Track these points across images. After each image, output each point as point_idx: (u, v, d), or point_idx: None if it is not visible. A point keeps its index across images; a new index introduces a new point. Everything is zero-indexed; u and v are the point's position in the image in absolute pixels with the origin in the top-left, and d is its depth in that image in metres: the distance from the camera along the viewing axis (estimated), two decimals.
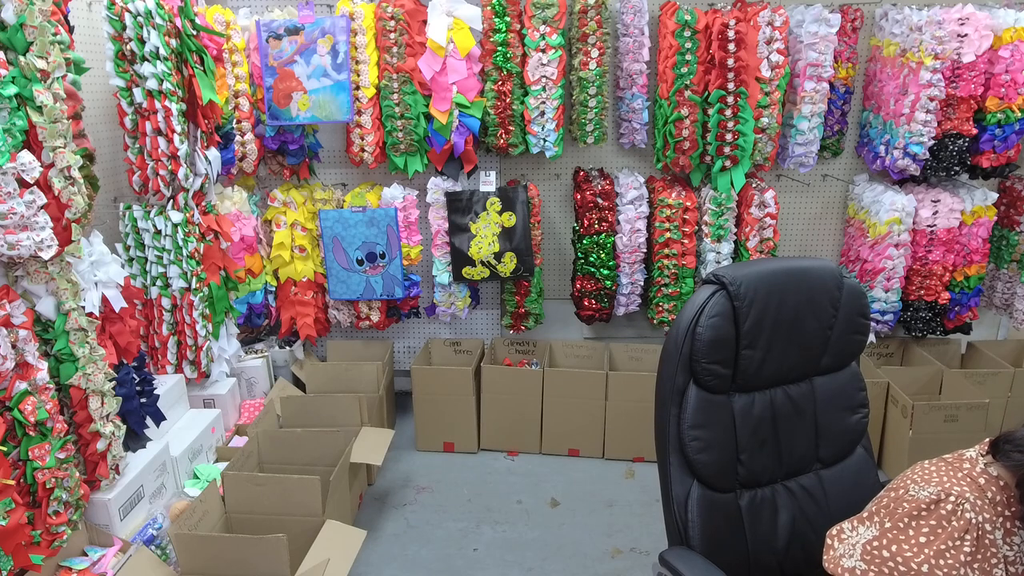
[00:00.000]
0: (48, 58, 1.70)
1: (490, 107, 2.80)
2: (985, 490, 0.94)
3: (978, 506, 0.92)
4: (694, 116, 2.76)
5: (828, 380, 1.45)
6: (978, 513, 0.92)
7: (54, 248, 1.74)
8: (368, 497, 2.81)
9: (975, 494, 0.93)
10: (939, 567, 0.91)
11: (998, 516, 0.93)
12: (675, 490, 1.37)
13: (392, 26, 2.72)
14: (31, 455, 1.70)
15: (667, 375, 1.37)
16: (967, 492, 0.93)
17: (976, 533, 0.91)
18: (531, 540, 2.55)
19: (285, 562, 1.92)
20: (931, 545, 0.91)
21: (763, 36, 2.67)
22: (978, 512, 0.92)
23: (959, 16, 2.61)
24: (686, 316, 1.35)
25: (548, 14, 2.69)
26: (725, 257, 2.95)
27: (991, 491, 0.94)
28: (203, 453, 2.47)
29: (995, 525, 0.92)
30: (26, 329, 1.71)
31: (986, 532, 0.92)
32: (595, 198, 2.90)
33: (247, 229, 2.83)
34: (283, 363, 3.17)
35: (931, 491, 0.94)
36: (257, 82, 2.79)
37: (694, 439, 1.35)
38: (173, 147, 2.34)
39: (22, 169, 1.64)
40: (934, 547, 0.91)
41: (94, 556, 1.94)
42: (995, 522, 0.93)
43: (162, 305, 2.52)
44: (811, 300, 1.38)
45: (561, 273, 3.34)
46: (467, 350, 3.32)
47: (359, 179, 3.24)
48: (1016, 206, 2.96)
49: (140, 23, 2.22)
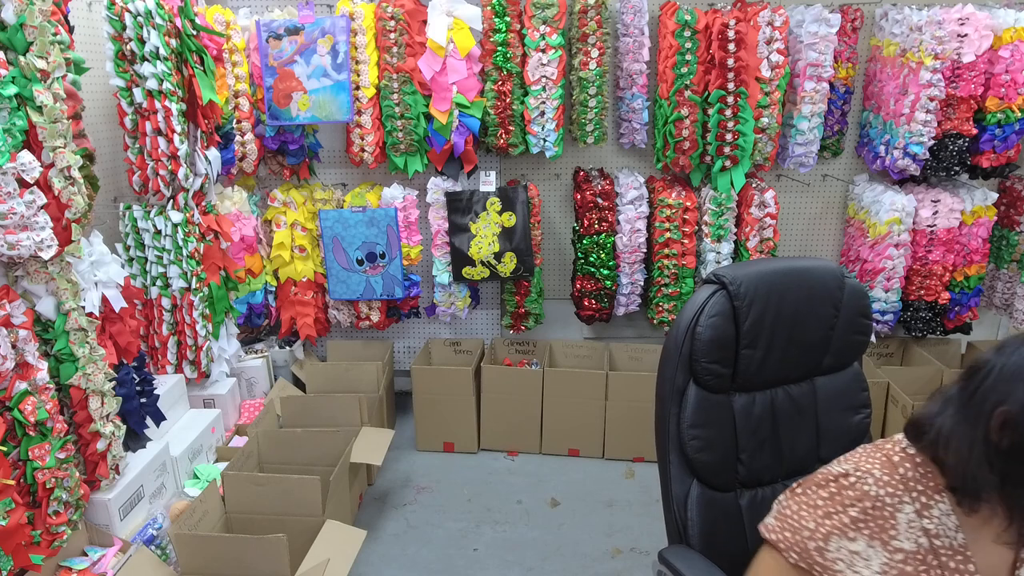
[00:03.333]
0: (48, 58, 1.70)
1: (490, 107, 2.80)
2: (898, 467, 1.00)
3: (882, 481, 0.99)
4: (694, 116, 2.76)
5: (830, 380, 1.45)
6: (880, 488, 0.98)
7: (54, 248, 1.74)
8: (368, 497, 2.81)
9: (884, 471, 1.00)
10: (823, 525, 1.00)
11: (909, 491, 0.99)
12: (675, 489, 1.37)
13: (392, 26, 2.72)
14: (31, 455, 1.70)
15: (667, 374, 1.37)
16: (874, 469, 1.00)
17: (869, 503, 0.98)
18: (531, 540, 2.55)
19: (285, 562, 1.93)
20: (823, 508, 1.01)
21: (763, 36, 2.67)
22: (881, 487, 0.98)
23: (959, 16, 2.61)
24: (686, 315, 1.35)
25: (548, 14, 2.69)
26: (725, 257, 2.95)
27: (904, 467, 1.00)
28: (203, 453, 2.47)
29: (902, 500, 0.98)
30: (26, 329, 1.71)
31: (886, 505, 0.98)
32: (595, 198, 2.90)
33: (247, 229, 2.83)
34: (283, 363, 3.16)
35: (844, 467, 1.02)
36: (257, 82, 2.79)
37: (694, 438, 1.35)
38: (173, 147, 2.34)
39: (22, 169, 1.64)
40: (824, 510, 1.01)
41: (94, 556, 1.94)
42: (902, 496, 0.98)
43: (162, 305, 2.52)
44: (812, 300, 1.38)
45: (561, 273, 3.34)
46: (467, 350, 3.32)
47: (359, 179, 3.24)
48: (1016, 206, 2.96)
49: (140, 23, 2.22)
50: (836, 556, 0.99)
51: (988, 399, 0.92)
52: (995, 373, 0.93)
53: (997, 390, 0.92)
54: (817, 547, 1.00)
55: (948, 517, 0.98)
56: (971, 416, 0.94)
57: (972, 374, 0.97)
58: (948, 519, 0.98)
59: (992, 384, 0.93)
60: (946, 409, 0.99)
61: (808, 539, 1.01)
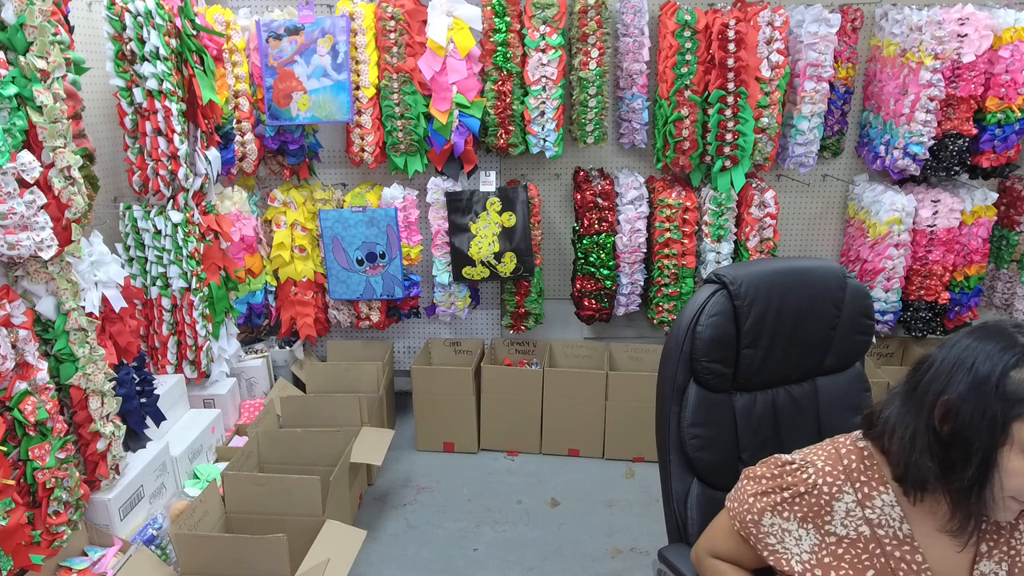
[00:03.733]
0: (48, 58, 1.70)
1: (490, 107, 2.80)
2: (842, 459, 1.06)
3: (823, 472, 1.04)
4: (694, 116, 2.76)
5: (831, 380, 1.45)
6: (819, 477, 1.04)
7: (54, 248, 1.74)
8: (368, 497, 2.81)
9: (828, 462, 1.05)
10: (759, 501, 1.09)
11: (851, 482, 1.04)
12: (675, 488, 1.37)
13: (392, 26, 2.72)
14: (31, 455, 1.70)
15: (668, 373, 1.37)
16: (818, 460, 1.06)
17: (804, 489, 1.04)
18: (531, 540, 2.55)
19: (285, 562, 1.92)
20: (763, 486, 1.10)
21: (763, 36, 2.67)
22: (820, 476, 1.04)
23: (959, 16, 2.61)
24: (687, 315, 1.35)
25: (548, 14, 2.69)
26: (725, 257, 2.95)
27: (849, 459, 1.06)
28: (203, 453, 2.47)
29: (842, 489, 1.03)
30: (26, 329, 1.70)
31: (823, 493, 1.04)
32: (595, 198, 2.90)
33: (247, 229, 2.83)
34: (283, 363, 3.16)
35: (794, 456, 1.09)
36: (257, 82, 2.79)
37: (694, 437, 1.35)
38: (173, 147, 2.34)
39: (22, 169, 1.64)
40: (764, 488, 1.09)
41: (94, 556, 1.94)
42: (841, 487, 1.03)
43: (162, 305, 2.52)
44: (813, 300, 1.38)
45: (561, 273, 3.34)
46: (467, 350, 3.32)
47: (359, 179, 3.24)
48: (1016, 206, 2.96)
49: (140, 23, 2.22)
50: (768, 531, 1.08)
51: (930, 390, 0.97)
52: (936, 365, 0.98)
53: (938, 380, 0.96)
54: (752, 520, 1.10)
55: (892, 508, 1.02)
56: (914, 407, 0.99)
57: (917, 367, 1.02)
58: (892, 510, 1.02)
59: (933, 375, 0.97)
60: (893, 401, 1.04)
61: (746, 512, 1.11)
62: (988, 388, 0.91)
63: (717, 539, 1.19)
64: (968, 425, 0.92)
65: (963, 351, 0.96)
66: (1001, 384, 0.91)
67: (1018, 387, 0.90)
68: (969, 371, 0.93)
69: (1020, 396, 0.90)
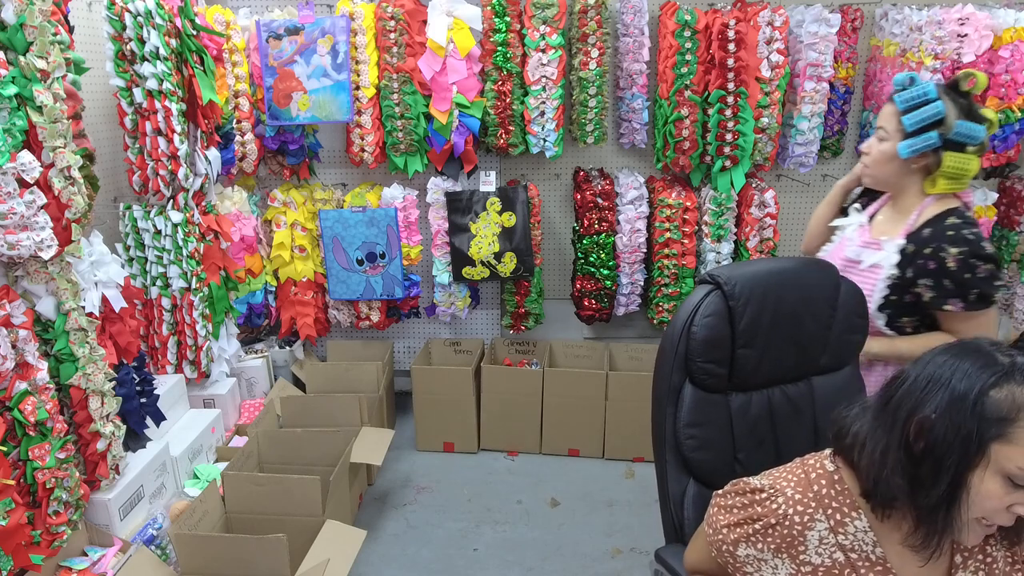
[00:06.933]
0: (48, 58, 1.71)
1: (490, 107, 2.80)
2: (812, 484, 1.04)
3: (793, 500, 1.03)
4: (694, 116, 2.76)
5: (827, 380, 1.45)
6: (790, 507, 1.02)
7: (54, 248, 1.74)
8: (368, 497, 2.81)
9: (797, 490, 1.03)
10: (733, 531, 1.07)
11: (823, 508, 1.02)
12: (671, 488, 1.38)
13: (392, 26, 2.72)
14: (31, 455, 1.70)
15: (663, 374, 1.37)
16: (787, 488, 1.04)
17: (775, 520, 1.02)
18: (531, 540, 2.55)
19: (285, 562, 1.93)
20: (735, 516, 1.07)
21: (763, 36, 2.67)
22: (790, 506, 1.02)
23: (959, 16, 2.61)
24: (681, 315, 1.35)
25: (548, 14, 2.69)
26: (725, 257, 2.95)
27: (819, 485, 1.04)
28: (203, 453, 2.47)
29: (813, 517, 1.02)
30: (26, 329, 1.71)
31: (795, 524, 1.02)
32: (595, 198, 2.90)
33: (247, 229, 2.84)
34: (283, 363, 3.17)
35: (763, 482, 1.07)
36: (257, 82, 2.79)
37: (690, 437, 1.35)
38: (173, 147, 2.34)
39: (22, 169, 1.65)
40: (736, 518, 1.07)
41: (94, 556, 1.94)
42: (813, 515, 1.02)
43: (162, 305, 2.52)
44: (808, 300, 1.38)
45: (561, 273, 3.34)
46: (467, 350, 3.33)
47: (359, 179, 3.24)
48: (1016, 206, 2.95)
49: (140, 23, 2.22)
50: (745, 560, 1.07)
51: (902, 405, 0.95)
52: (910, 381, 0.96)
53: (912, 397, 0.94)
54: (728, 550, 1.09)
55: (866, 534, 1.01)
56: (886, 422, 0.97)
57: (890, 383, 1.00)
58: (866, 535, 1.01)
59: (907, 391, 0.95)
60: (864, 415, 1.02)
61: (721, 541, 1.09)
62: (965, 406, 0.89)
63: (702, 559, 1.19)
64: (942, 442, 0.90)
65: (939, 368, 0.93)
66: (979, 403, 0.88)
67: (997, 407, 0.88)
68: (946, 388, 0.91)
69: (999, 416, 0.88)
